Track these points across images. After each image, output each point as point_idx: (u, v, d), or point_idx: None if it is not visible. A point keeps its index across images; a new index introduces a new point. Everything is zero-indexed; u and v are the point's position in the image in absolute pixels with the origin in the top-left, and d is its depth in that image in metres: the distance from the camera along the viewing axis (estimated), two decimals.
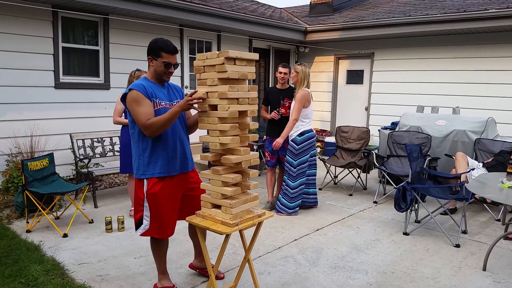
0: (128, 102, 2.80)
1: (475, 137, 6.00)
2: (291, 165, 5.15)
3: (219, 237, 4.26)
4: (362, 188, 6.66)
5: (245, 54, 2.64)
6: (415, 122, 6.62)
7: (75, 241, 4.22)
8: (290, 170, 5.16)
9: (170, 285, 3.16)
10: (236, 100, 2.61)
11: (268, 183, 5.50)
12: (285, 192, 5.20)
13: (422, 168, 5.27)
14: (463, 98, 7.89)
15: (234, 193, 2.66)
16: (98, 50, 6.57)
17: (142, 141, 2.89)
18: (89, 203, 5.50)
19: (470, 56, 7.85)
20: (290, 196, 5.16)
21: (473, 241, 4.43)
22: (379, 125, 8.27)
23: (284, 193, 5.21)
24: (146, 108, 2.75)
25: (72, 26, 6.27)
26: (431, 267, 3.77)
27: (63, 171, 5.95)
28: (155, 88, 2.89)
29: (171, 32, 7.51)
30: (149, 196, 2.90)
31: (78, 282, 3.33)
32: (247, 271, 3.43)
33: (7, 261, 3.62)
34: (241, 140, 2.72)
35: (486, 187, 3.87)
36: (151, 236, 3.00)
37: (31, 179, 4.53)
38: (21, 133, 5.72)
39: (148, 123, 2.72)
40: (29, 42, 5.76)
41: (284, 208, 5.20)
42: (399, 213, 5.22)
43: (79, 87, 6.35)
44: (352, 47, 9.43)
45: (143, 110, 2.74)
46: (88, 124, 6.41)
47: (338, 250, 4.13)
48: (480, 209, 5.56)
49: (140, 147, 2.91)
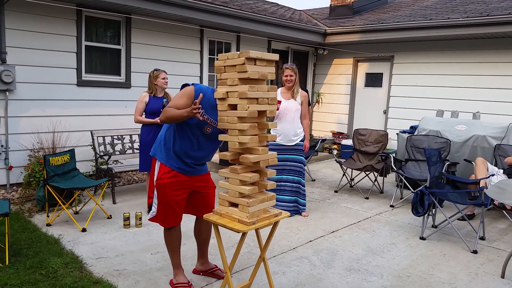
0: (181, 91, 2.92)
1: (495, 142, 5.91)
2: (302, 163, 5.21)
3: (234, 236, 4.29)
4: (378, 191, 6.62)
5: (265, 54, 2.66)
6: (435, 127, 6.56)
7: (94, 236, 4.30)
8: (302, 169, 5.21)
9: (185, 281, 3.21)
10: (255, 100, 2.64)
11: None
12: (302, 193, 5.24)
13: (441, 172, 5.22)
14: (483, 103, 7.77)
15: (252, 192, 2.69)
16: (120, 49, 6.69)
17: (179, 131, 2.99)
18: (107, 199, 5.60)
19: (492, 61, 7.72)
20: (305, 193, 5.29)
21: (491, 248, 4.37)
22: (398, 128, 8.20)
23: (302, 194, 5.24)
24: (180, 102, 2.85)
25: (95, 25, 6.39)
26: (447, 272, 3.73)
27: (83, 167, 6.07)
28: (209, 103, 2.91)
29: (191, 33, 7.59)
30: (158, 185, 3.04)
31: (96, 276, 3.40)
32: (262, 271, 3.45)
33: (29, 253, 3.72)
34: (260, 140, 2.75)
35: (506, 193, 3.81)
36: (156, 222, 3.15)
37: (53, 174, 4.64)
38: (43, 129, 5.85)
39: (166, 108, 2.86)
40: (53, 40, 5.90)
41: (304, 207, 5.28)
42: (416, 218, 5.18)
43: (100, 85, 6.47)
44: (372, 50, 9.37)
45: (178, 102, 2.85)
46: (109, 122, 6.53)
47: (353, 252, 4.12)
48: (499, 216, 5.47)
49: (172, 134, 3.01)
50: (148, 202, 3.17)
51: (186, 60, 7.61)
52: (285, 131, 5.06)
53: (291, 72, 5.05)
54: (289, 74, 5.06)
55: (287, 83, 5.11)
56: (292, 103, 5.08)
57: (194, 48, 7.71)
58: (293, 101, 5.09)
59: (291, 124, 5.06)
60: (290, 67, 5.06)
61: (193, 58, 7.74)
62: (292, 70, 5.06)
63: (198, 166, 3.14)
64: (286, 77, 5.08)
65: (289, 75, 5.06)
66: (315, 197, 6.16)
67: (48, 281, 3.23)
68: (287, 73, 5.07)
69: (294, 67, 5.09)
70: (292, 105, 5.08)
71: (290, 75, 5.06)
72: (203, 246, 3.45)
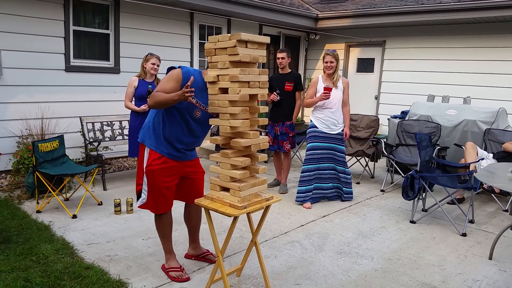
0: (168, 74, 2.86)
1: (485, 127, 5.95)
2: (344, 153, 5.20)
3: (226, 221, 4.30)
4: (369, 176, 6.66)
5: (256, 37, 2.63)
6: (425, 111, 6.58)
7: (84, 222, 4.28)
8: (343, 158, 5.20)
9: (177, 265, 3.21)
10: (247, 83, 2.61)
11: (276, 164, 5.80)
12: (348, 182, 5.27)
13: (431, 157, 5.25)
14: (474, 88, 7.80)
15: (243, 176, 2.68)
16: (108, 34, 6.58)
17: (168, 116, 2.92)
18: (98, 185, 5.56)
19: (483, 46, 7.74)
20: (350, 181, 5.32)
21: (480, 231, 4.42)
22: (389, 114, 8.21)
23: (347, 183, 5.26)
24: (167, 86, 2.78)
25: (83, 10, 6.27)
26: (437, 254, 3.78)
27: (72, 153, 6.00)
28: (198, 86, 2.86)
29: (181, 17, 7.49)
30: (148, 172, 3.00)
31: (87, 262, 3.39)
32: (254, 255, 3.47)
33: (19, 240, 3.69)
34: (251, 124, 2.73)
35: (495, 177, 3.85)
36: (147, 209, 3.12)
37: (42, 160, 4.59)
38: (32, 115, 5.77)
39: (154, 93, 2.79)
40: (40, 25, 5.78)
41: (352, 195, 5.34)
42: (406, 202, 5.22)
43: (89, 71, 6.37)
44: (363, 35, 9.33)
45: (165, 86, 2.79)
46: (98, 108, 6.45)
47: (344, 236, 4.15)
48: (488, 200, 5.54)
49: (161, 119, 2.95)
50: (137, 189, 3.13)
51: (176, 45, 7.52)
52: (330, 119, 5.00)
53: (331, 59, 4.90)
54: (329, 61, 4.91)
55: (327, 70, 4.97)
56: (335, 92, 4.95)
57: (184, 32, 7.62)
58: (334, 90, 4.96)
59: (334, 112, 5.00)
60: (332, 53, 4.92)
61: (183, 43, 7.65)
62: (333, 57, 4.90)
63: (188, 151, 3.11)
64: (327, 63, 4.93)
65: (330, 61, 4.91)
66: None
67: (39, 267, 3.21)
68: (327, 59, 4.92)
69: (336, 54, 4.94)
70: (337, 93, 4.98)
71: (331, 61, 4.91)
72: (194, 231, 3.45)
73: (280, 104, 5.42)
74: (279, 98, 5.36)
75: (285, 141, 5.48)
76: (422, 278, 3.33)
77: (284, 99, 5.40)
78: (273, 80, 5.49)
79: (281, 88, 5.38)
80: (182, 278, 3.14)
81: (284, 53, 5.37)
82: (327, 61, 4.92)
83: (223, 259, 3.09)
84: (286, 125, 5.47)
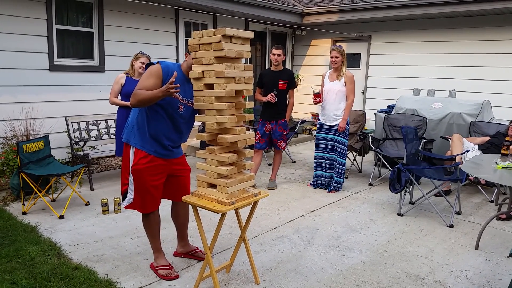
0: (146, 71, 2.83)
1: (471, 119, 6.02)
2: (343, 145, 5.34)
3: (214, 218, 4.28)
4: (357, 171, 6.70)
5: (241, 32, 2.62)
6: (411, 105, 6.63)
7: (71, 223, 4.23)
8: (342, 150, 5.34)
9: (166, 263, 3.20)
10: (232, 79, 2.60)
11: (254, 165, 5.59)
12: (340, 172, 5.40)
13: (417, 150, 5.30)
14: (459, 81, 7.89)
15: (230, 172, 2.67)
16: (92, 32, 6.50)
17: (152, 113, 2.89)
18: (85, 185, 5.51)
19: (467, 39, 7.82)
20: (343, 172, 5.44)
21: (467, 222, 4.48)
22: (376, 108, 8.26)
23: (339, 173, 5.40)
24: (149, 83, 2.76)
25: (66, 8, 6.18)
26: (424, 246, 3.82)
27: (58, 154, 5.93)
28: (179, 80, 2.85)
29: (166, 14, 7.44)
30: (134, 172, 2.96)
31: (74, 262, 3.35)
32: (243, 251, 3.46)
33: (4, 242, 3.63)
34: (237, 120, 2.72)
35: (480, 168, 3.90)
36: (134, 209, 3.08)
37: (27, 161, 4.52)
38: (16, 116, 5.68)
39: (135, 91, 2.75)
40: (22, 24, 5.68)
41: (340, 185, 5.46)
42: (394, 195, 5.26)
43: (73, 70, 6.29)
44: (349, 30, 9.37)
45: (146, 83, 2.76)
46: (83, 107, 6.37)
47: (333, 230, 4.16)
48: (474, 191, 5.61)
49: (145, 117, 2.91)
50: (122, 189, 3.08)
51: (162, 43, 7.46)
52: (327, 111, 5.27)
53: (336, 54, 5.10)
54: (334, 56, 5.12)
55: (333, 65, 5.18)
56: (336, 84, 5.19)
57: (169, 30, 7.56)
58: (337, 82, 5.19)
59: (332, 104, 5.22)
60: (337, 48, 5.12)
61: (169, 40, 7.59)
62: (338, 52, 5.10)
63: (174, 149, 3.09)
64: (332, 58, 5.14)
65: (335, 56, 5.12)
66: (295, 178, 6.19)
67: (25, 269, 3.17)
68: (332, 54, 5.14)
69: (341, 49, 5.11)
70: (335, 86, 5.19)
71: (336, 56, 5.11)
72: (182, 229, 3.44)
73: (274, 103, 5.35)
74: (276, 99, 5.29)
75: (280, 140, 5.45)
76: (410, 269, 3.36)
77: (277, 97, 5.34)
78: (265, 77, 5.43)
79: (274, 86, 5.32)
80: (171, 276, 3.13)
81: (280, 50, 5.28)
82: (332, 56, 5.14)
83: (212, 256, 3.08)
84: (280, 123, 5.41)
